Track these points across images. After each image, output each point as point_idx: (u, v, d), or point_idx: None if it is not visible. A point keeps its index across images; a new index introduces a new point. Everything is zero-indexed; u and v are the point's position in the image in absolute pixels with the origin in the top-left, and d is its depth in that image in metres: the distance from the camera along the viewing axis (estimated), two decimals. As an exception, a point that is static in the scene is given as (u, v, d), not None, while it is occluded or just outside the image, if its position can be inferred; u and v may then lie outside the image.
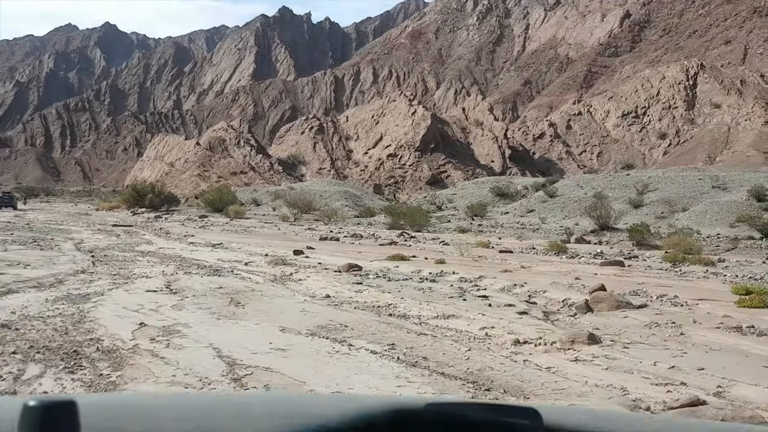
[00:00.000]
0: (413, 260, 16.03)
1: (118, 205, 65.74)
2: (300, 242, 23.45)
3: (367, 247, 21.90)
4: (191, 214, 54.36)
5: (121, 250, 18.66)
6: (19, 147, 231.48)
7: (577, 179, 56.29)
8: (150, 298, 9.49)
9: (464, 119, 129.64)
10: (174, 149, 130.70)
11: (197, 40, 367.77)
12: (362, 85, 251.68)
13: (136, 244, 21.90)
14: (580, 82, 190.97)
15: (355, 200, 66.35)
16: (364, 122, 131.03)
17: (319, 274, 13.33)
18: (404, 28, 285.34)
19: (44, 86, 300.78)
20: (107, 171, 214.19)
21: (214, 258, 16.91)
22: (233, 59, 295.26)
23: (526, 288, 11.26)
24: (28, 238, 20.66)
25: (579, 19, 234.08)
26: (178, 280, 11.72)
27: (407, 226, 41.88)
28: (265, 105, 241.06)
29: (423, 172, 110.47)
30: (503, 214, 49.75)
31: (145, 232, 30.04)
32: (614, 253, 24.46)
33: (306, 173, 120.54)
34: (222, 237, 25.48)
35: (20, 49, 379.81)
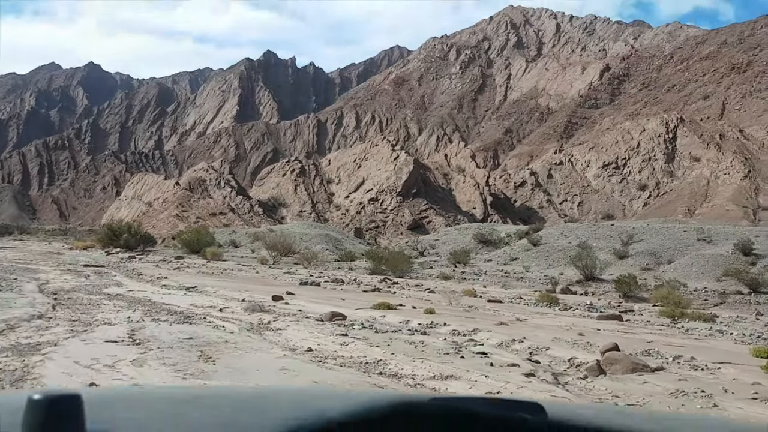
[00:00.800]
0: (400, 309, 15.08)
1: (92, 245, 64.15)
2: (279, 287, 22.40)
3: (350, 293, 20.89)
4: (167, 255, 53.00)
5: (88, 293, 17.53)
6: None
7: (561, 228, 55.78)
8: (108, 351, 8.45)
9: (446, 165, 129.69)
10: (152, 189, 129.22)
11: (181, 82, 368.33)
12: (345, 129, 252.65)
13: (105, 285, 20.74)
14: (560, 133, 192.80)
15: (335, 244, 65.30)
16: (347, 166, 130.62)
17: (299, 323, 12.32)
18: (388, 74, 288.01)
19: (24, 124, 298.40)
20: (84, 210, 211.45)
21: (186, 303, 15.83)
22: (216, 101, 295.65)
23: (526, 344, 10.34)
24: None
25: (560, 70, 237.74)
26: (144, 328, 10.65)
27: (389, 272, 40.95)
28: (247, 147, 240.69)
29: (404, 217, 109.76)
30: (486, 262, 48.95)
31: (116, 273, 28.83)
32: (604, 306, 23.64)
33: (286, 216, 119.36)
34: (197, 280, 24.36)
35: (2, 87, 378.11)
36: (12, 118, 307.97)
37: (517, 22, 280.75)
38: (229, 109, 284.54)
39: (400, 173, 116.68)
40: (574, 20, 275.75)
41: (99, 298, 15.94)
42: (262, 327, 11.97)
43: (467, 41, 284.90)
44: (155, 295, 17.76)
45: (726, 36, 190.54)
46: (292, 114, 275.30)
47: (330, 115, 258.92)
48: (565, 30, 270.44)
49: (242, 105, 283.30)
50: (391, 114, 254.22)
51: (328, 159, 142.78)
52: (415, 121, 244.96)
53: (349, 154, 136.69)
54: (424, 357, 8.86)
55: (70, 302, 14.68)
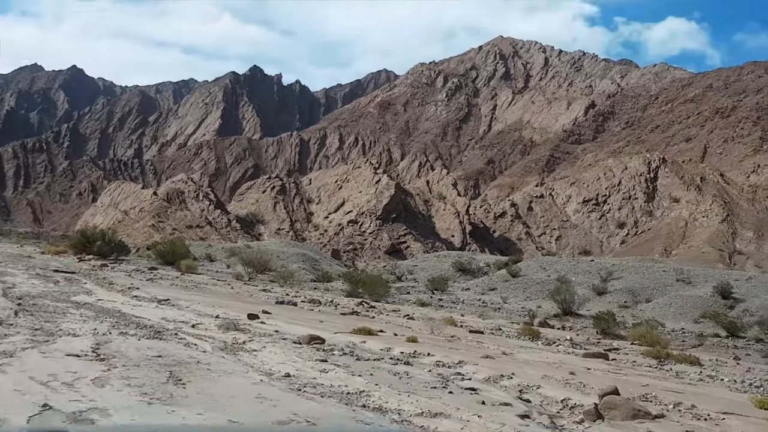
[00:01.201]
0: (381, 336, 14.48)
1: (65, 250, 62.66)
2: (255, 304, 21.72)
3: (328, 315, 20.24)
4: (141, 265, 51.90)
5: (55, 300, 16.75)
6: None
7: (541, 261, 55.57)
8: (69, 366, 7.79)
9: (428, 192, 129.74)
10: (129, 197, 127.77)
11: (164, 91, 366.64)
12: (327, 149, 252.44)
13: (73, 293, 19.95)
14: (542, 166, 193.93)
15: (312, 263, 64.58)
16: (327, 186, 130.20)
17: (276, 345, 11.70)
18: (374, 97, 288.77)
19: (2, 124, 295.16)
20: (59, 215, 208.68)
21: (157, 316, 15.13)
22: (199, 113, 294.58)
23: (515, 380, 9.82)
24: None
25: (545, 104, 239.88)
26: (110, 342, 9.98)
27: (366, 295, 40.35)
28: (228, 161, 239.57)
29: (383, 240, 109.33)
30: (464, 290, 48.53)
31: (87, 280, 27.93)
32: (583, 341, 23.22)
33: (264, 233, 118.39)
34: (170, 292, 23.59)
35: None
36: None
37: (506, 53, 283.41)
38: (212, 122, 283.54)
39: (381, 197, 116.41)
40: (562, 55, 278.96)
41: (66, 306, 15.19)
42: (237, 347, 11.34)
43: (455, 69, 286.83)
44: (125, 307, 17.04)
45: (712, 80, 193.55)
46: (275, 131, 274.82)
47: (313, 135, 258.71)
48: (553, 64, 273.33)
49: (225, 119, 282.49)
50: (374, 137, 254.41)
51: (309, 178, 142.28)
52: (398, 146, 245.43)
53: (331, 175, 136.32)
54: (410, 390, 8.30)
55: (35, 309, 13.94)
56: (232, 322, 14.71)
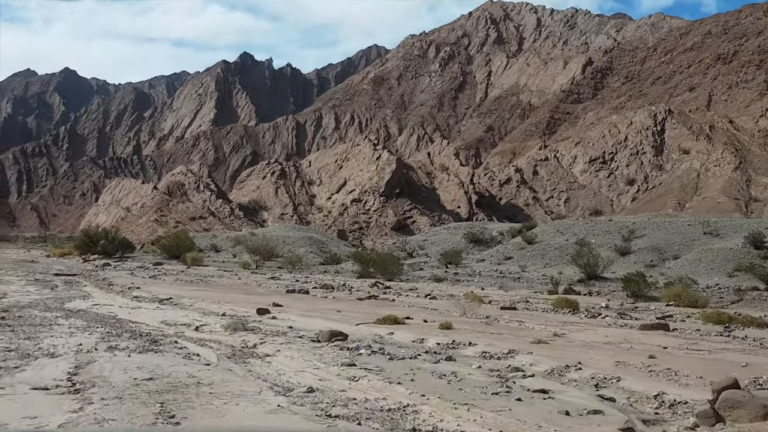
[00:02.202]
0: (410, 324, 12.84)
1: (70, 252, 61.60)
2: (264, 296, 20.12)
3: (345, 302, 18.60)
4: (145, 261, 50.52)
5: (45, 309, 15.17)
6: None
7: (557, 225, 53.79)
8: (30, 406, 6.17)
9: (429, 164, 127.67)
10: (131, 194, 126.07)
11: (158, 86, 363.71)
12: (324, 130, 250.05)
13: (69, 298, 18.39)
14: (543, 129, 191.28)
15: (320, 246, 63.00)
16: (328, 167, 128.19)
17: (292, 347, 10.08)
18: (366, 74, 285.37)
19: (1, 131, 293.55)
20: (64, 217, 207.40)
21: (157, 320, 13.54)
22: (194, 104, 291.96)
23: (585, 372, 8.15)
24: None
25: (541, 66, 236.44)
26: (94, 362, 8.37)
27: (378, 275, 38.89)
28: (226, 150, 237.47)
29: (388, 217, 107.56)
30: (479, 262, 46.86)
31: (87, 282, 26.42)
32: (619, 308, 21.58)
33: (268, 219, 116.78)
34: (173, 289, 22.00)
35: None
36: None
37: (497, 17, 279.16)
38: (207, 113, 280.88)
39: (383, 173, 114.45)
40: (555, 14, 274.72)
41: (55, 316, 13.60)
42: (247, 353, 9.75)
43: (446, 38, 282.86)
44: (122, 310, 15.44)
45: (710, 26, 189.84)
46: (270, 116, 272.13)
47: (309, 117, 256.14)
48: (546, 24, 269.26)
49: (220, 108, 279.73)
50: (370, 114, 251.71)
51: (308, 160, 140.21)
52: (395, 121, 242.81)
53: (330, 155, 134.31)
54: (467, 400, 6.63)
55: (18, 322, 12.36)
56: (240, 321, 13.10)
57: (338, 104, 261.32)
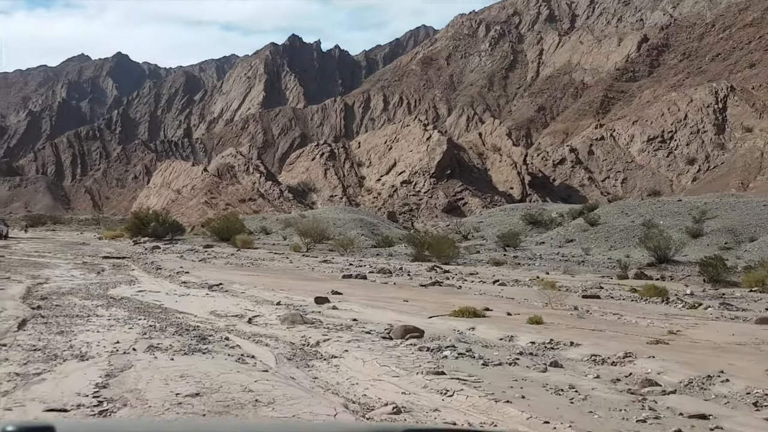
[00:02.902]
0: (491, 317, 11.23)
1: (121, 234, 61.56)
2: (319, 281, 18.76)
3: (408, 290, 17.07)
4: (195, 244, 49.90)
5: (87, 296, 14.01)
6: (30, 175, 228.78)
7: (621, 206, 51.37)
8: None
9: (481, 144, 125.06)
10: (181, 176, 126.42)
11: (208, 69, 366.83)
12: (372, 112, 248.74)
13: (114, 284, 17.28)
14: (596, 108, 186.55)
15: (371, 228, 61.69)
16: (377, 148, 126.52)
17: (362, 345, 8.60)
18: (415, 54, 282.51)
19: (56, 115, 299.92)
20: (117, 199, 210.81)
21: (206, 310, 12.23)
22: (243, 87, 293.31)
23: (736, 385, 6.46)
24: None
25: (594, 44, 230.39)
26: (130, 367, 6.97)
27: (433, 258, 37.45)
28: (275, 133, 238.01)
29: (439, 199, 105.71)
30: (539, 244, 44.92)
31: (135, 266, 25.46)
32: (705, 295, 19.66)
33: (317, 201, 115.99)
34: (224, 274, 20.80)
35: (33, 79, 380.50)
36: (44, 110, 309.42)
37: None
38: (256, 95, 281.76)
39: (433, 154, 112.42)
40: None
41: (96, 305, 12.40)
42: (309, 353, 8.33)
43: (497, 17, 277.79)
44: (169, 298, 14.19)
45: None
46: (318, 98, 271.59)
47: (357, 98, 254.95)
48: (599, 1, 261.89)
49: (268, 91, 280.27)
50: (419, 95, 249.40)
51: (357, 141, 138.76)
52: (444, 101, 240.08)
53: (380, 136, 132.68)
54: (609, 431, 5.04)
55: (55, 312, 11.16)
56: (299, 312, 11.70)
57: (386, 85, 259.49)
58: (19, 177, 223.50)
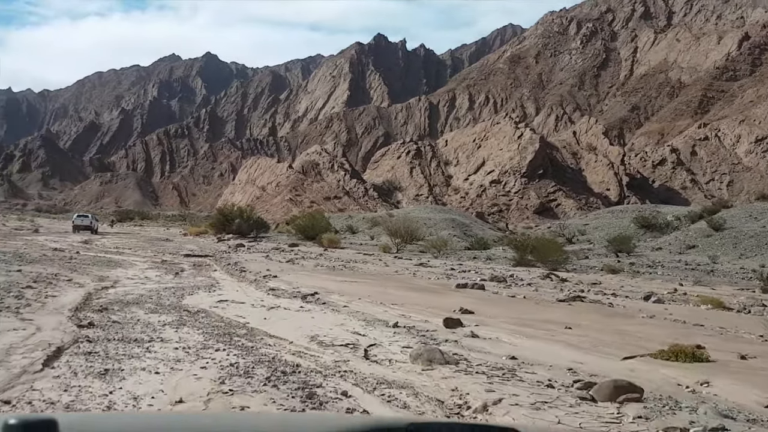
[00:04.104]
0: (716, 360, 7.79)
1: (205, 231, 60.25)
2: (432, 293, 15.58)
3: (550, 308, 13.55)
4: (280, 242, 47.67)
5: (155, 307, 11.26)
6: (120, 172, 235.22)
7: (749, 209, 46.28)
8: None
9: (575, 143, 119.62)
10: (266, 172, 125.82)
11: (293, 69, 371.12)
12: (458, 111, 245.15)
13: (192, 289, 14.56)
14: (694, 108, 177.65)
15: (463, 229, 58.27)
16: (465, 146, 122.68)
17: (558, 414, 5.35)
18: (502, 52, 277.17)
19: (147, 114, 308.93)
20: (203, 196, 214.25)
21: (304, 332, 9.22)
22: (327, 86, 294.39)
23: None
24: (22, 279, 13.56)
25: (692, 41, 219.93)
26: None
27: (538, 263, 33.97)
28: (359, 131, 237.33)
29: (530, 200, 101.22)
30: (655, 250, 40.55)
31: (217, 266, 22.92)
32: None
33: (402, 200, 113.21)
34: (316, 280, 17.88)
35: (127, 79, 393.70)
36: (136, 108, 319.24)
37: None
38: (340, 94, 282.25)
39: (525, 153, 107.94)
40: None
41: (164, 323, 9.57)
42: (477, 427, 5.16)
43: (588, 14, 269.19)
44: (255, 312, 11.29)
45: None
46: (402, 97, 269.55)
47: (442, 97, 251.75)
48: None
49: (353, 90, 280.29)
50: (506, 94, 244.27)
51: (444, 140, 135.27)
52: (532, 101, 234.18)
53: (468, 134, 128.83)
54: None
55: (108, 334, 8.38)
56: (428, 341, 8.54)
57: (473, 84, 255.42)
58: (110, 173, 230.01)
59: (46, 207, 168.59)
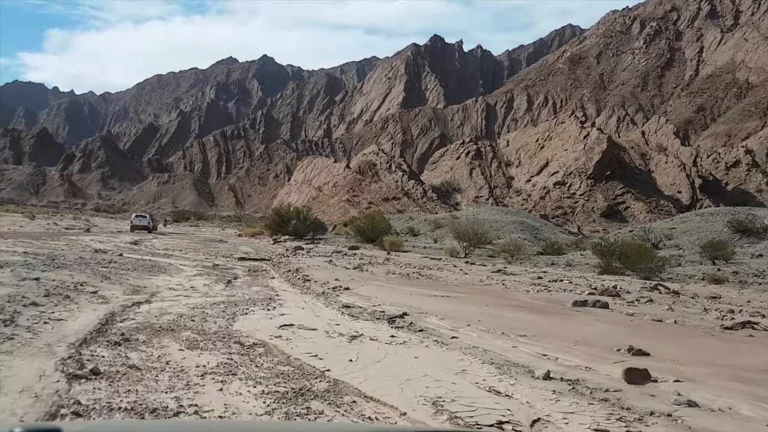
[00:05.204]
0: None
1: (261, 232, 57.90)
2: (549, 313, 12.18)
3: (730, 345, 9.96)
4: (339, 244, 44.77)
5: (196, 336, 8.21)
6: (178, 172, 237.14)
7: None
8: None
9: (644, 144, 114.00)
10: (322, 172, 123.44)
11: (348, 71, 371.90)
12: (515, 112, 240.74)
13: (245, 305, 11.52)
14: (763, 109, 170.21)
15: (532, 232, 54.43)
16: (527, 147, 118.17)
17: None
18: (562, 52, 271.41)
19: (205, 115, 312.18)
20: (258, 197, 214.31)
21: (415, 388, 5.97)
22: (383, 88, 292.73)
23: None
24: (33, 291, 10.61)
25: (761, 41, 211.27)
26: None
27: (627, 270, 30.42)
28: (414, 133, 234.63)
29: (597, 202, 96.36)
30: (755, 257, 36.19)
31: (275, 273, 19.89)
32: None
33: (461, 201, 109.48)
34: (395, 293, 14.62)
35: (185, 81, 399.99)
36: (194, 110, 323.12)
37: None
38: (396, 96, 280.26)
39: (591, 153, 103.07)
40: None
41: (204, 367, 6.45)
42: None
43: (652, 13, 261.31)
44: (333, 345, 8.10)
45: None
46: (458, 98, 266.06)
47: (499, 98, 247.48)
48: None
49: (408, 91, 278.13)
50: (565, 94, 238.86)
51: (506, 140, 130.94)
52: (592, 101, 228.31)
53: (530, 134, 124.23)
54: None
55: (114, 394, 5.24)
56: (622, 411, 5.14)
57: (531, 85, 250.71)
58: (167, 174, 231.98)
59: (105, 207, 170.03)
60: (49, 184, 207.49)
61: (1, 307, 8.55)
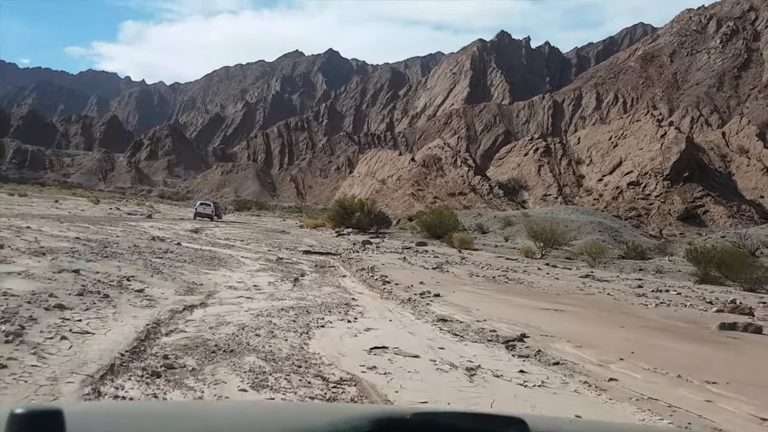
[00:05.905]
0: None
1: (323, 223, 56.09)
2: (697, 339, 9.69)
3: None
4: (405, 239, 42.56)
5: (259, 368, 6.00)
6: (241, 162, 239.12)
7: None
8: None
9: (724, 145, 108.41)
10: (386, 165, 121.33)
11: (413, 66, 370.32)
12: (583, 110, 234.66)
13: (319, 313, 9.38)
14: None
15: (612, 234, 51.23)
16: (600, 145, 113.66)
17: None
18: (634, 51, 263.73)
19: (270, 107, 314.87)
20: (319, 189, 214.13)
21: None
22: (447, 83, 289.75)
23: None
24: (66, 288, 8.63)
25: None
26: None
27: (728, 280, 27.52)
28: (478, 129, 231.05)
29: (674, 204, 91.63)
30: None
31: (346, 270, 17.74)
32: None
33: (528, 199, 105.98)
34: (494, 302, 12.29)
35: (252, 73, 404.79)
36: (259, 101, 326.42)
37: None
38: (460, 91, 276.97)
39: (668, 153, 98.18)
40: None
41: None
42: None
43: (730, 12, 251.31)
44: (448, 387, 5.70)
45: None
46: (524, 95, 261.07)
47: (567, 96, 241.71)
48: None
49: (473, 86, 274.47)
50: (636, 93, 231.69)
51: (577, 137, 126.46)
52: (665, 101, 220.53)
53: (603, 132, 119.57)
54: None
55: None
56: None
57: (600, 83, 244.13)
58: (231, 163, 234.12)
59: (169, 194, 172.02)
60: (117, 170, 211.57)
61: (12, 311, 6.52)
